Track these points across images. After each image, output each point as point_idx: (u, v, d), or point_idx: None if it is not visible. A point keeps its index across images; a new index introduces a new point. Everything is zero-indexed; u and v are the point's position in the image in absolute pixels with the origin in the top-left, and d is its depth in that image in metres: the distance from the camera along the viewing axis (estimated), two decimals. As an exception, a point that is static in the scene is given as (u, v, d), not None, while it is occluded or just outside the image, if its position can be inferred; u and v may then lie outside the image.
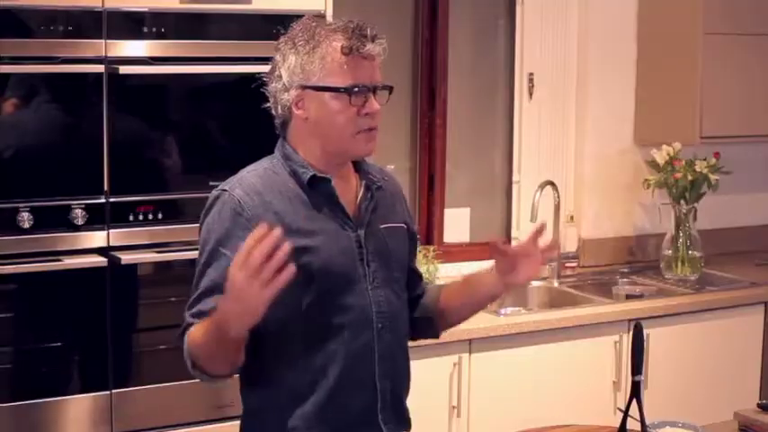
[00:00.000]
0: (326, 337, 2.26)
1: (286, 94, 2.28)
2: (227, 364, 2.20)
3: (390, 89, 2.33)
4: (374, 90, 2.27)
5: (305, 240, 2.25)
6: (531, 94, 4.49)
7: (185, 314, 2.24)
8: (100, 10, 3.04)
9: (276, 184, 2.29)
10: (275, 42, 2.34)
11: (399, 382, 2.39)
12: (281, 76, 2.29)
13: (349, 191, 2.36)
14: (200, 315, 2.20)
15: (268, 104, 2.34)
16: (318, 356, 2.24)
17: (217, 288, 2.19)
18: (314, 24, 2.29)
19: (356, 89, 2.24)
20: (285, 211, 2.26)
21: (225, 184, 2.30)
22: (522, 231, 4.48)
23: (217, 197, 2.28)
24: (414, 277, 2.51)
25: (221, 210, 2.25)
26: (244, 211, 2.23)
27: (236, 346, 2.14)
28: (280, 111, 2.31)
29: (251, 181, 2.29)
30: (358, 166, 2.40)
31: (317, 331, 2.26)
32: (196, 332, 2.18)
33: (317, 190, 2.30)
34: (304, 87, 2.26)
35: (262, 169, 2.32)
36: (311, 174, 2.29)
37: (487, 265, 4.46)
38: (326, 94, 2.25)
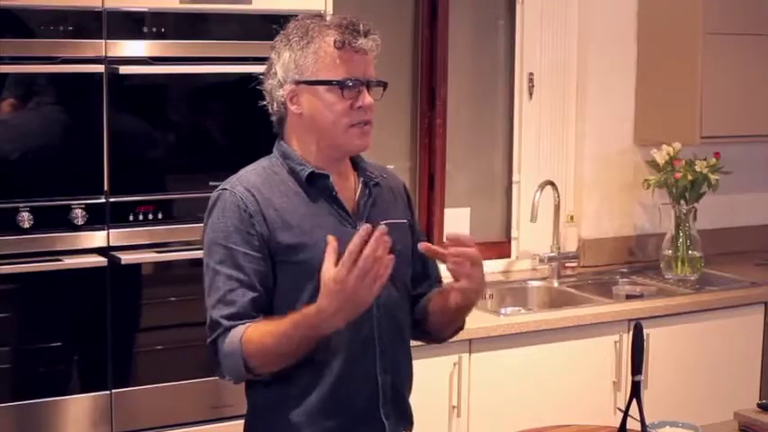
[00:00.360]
0: None
1: (281, 89, 2.31)
2: (292, 361, 2.22)
3: (384, 85, 2.34)
4: (367, 84, 2.29)
5: (305, 237, 2.27)
6: (531, 94, 4.49)
7: (214, 317, 2.24)
8: (100, 10, 3.04)
9: (275, 182, 2.31)
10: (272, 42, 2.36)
11: (400, 377, 2.39)
12: (276, 73, 2.31)
13: (348, 188, 2.37)
14: (235, 317, 2.22)
15: (265, 102, 2.36)
16: (320, 351, 2.25)
17: (239, 284, 2.23)
18: (308, 21, 2.32)
19: (349, 82, 2.26)
20: (285, 207, 2.28)
21: (225, 183, 2.32)
22: (522, 231, 4.49)
23: (218, 196, 2.31)
24: (418, 275, 2.51)
25: (224, 207, 2.28)
26: (247, 207, 2.26)
27: (317, 342, 2.18)
28: (275, 107, 2.34)
29: (251, 179, 2.31)
30: (356, 163, 2.41)
31: None
32: (260, 335, 2.19)
33: (316, 186, 2.32)
34: (298, 82, 2.28)
35: (261, 168, 2.35)
36: (309, 170, 2.31)
37: (488, 265, 4.49)
38: (320, 88, 2.27)
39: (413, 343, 2.46)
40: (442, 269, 2.45)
